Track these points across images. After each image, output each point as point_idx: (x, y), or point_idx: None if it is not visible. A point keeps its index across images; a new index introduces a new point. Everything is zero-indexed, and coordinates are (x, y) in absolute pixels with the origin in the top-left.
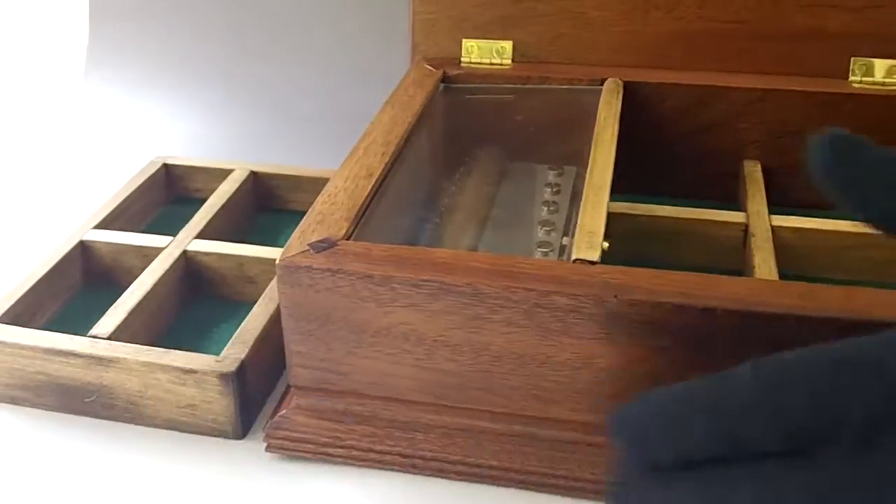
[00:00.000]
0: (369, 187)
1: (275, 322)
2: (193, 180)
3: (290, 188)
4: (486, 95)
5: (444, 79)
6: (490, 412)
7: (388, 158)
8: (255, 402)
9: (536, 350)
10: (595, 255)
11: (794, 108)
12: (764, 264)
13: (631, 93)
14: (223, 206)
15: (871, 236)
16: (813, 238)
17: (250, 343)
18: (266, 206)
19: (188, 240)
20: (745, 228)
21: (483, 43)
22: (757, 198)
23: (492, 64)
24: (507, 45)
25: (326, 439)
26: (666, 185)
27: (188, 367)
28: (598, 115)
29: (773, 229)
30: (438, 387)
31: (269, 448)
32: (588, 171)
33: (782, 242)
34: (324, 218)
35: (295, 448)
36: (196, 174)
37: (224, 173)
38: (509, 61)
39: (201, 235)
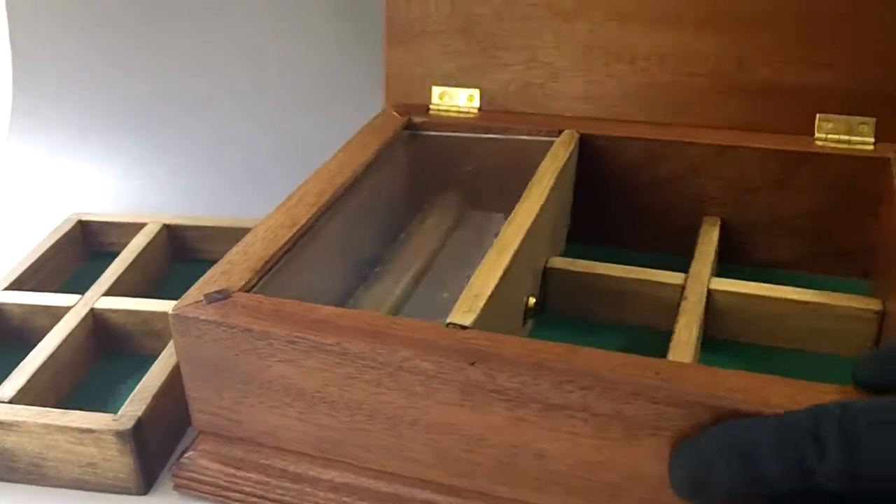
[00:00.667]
0: (287, 238)
1: (177, 376)
2: (108, 235)
3: (206, 239)
4: (446, 143)
5: (408, 126)
6: (371, 469)
7: (317, 208)
8: (159, 457)
9: (404, 412)
10: (468, 320)
11: (755, 165)
12: (685, 328)
13: (588, 145)
14: (135, 261)
15: (813, 305)
16: (751, 304)
17: (148, 400)
18: (183, 257)
19: (96, 297)
20: (682, 290)
21: (451, 90)
22: (703, 258)
23: (459, 111)
24: (475, 93)
25: (225, 483)
26: (626, 237)
27: (86, 426)
28: (538, 169)
29: (710, 293)
30: (321, 441)
31: (175, 487)
32: (504, 228)
33: (719, 306)
34: (230, 268)
35: (198, 489)
36: (110, 229)
37: (137, 227)
38: (476, 109)
39: (110, 292)
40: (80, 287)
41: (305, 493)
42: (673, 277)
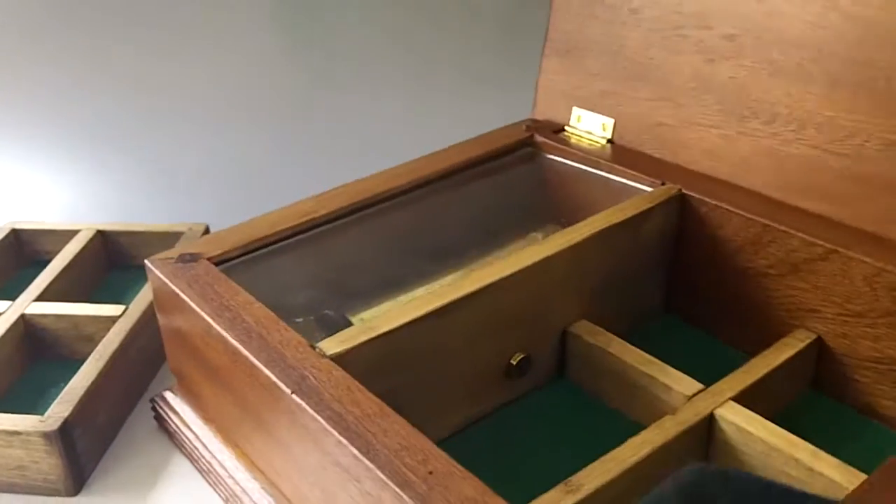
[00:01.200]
0: (295, 224)
1: (107, 377)
2: (42, 243)
3: (141, 245)
4: (553, 169)
5: (525, 142)
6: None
7: (347, 204)
8: (88, 458)
9: (258, 405)
10: (332, 350)
11: (861, 282)
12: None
13: (691, 208)
14: (67, 267)
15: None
16: (753, 445)
17: (75, 401)
18: (118, 263)
19: (27, 303)
20: (688, 402)
21: (589, 114)
22: (743, 375)
23: (590, 139)
24: (609, 123)
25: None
26: (717, 324)
27: (12, 429)
28: (592, 216)
29: (712, 417)
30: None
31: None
32: (476, 270)
33: (718, 435)
34: (225, 236)
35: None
36: (44, 237)
37: (71, 234)
38: (605, 140)
39: (41, 297)
40: (13, 294)
41: None
42: (685, 385)
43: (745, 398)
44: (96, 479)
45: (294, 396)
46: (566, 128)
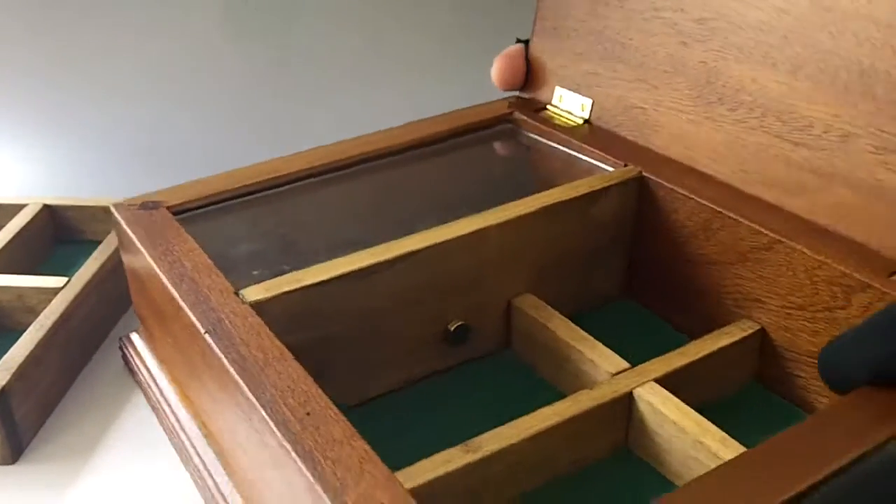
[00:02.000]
0: (255, 181)
1: (46, 347)
2: None
3: (87, 219)
4: (523, 145)
5: (505, 118)
6: None
7: (310, 167)
8: (26, 427)
9: (187, 346)
10: (253, 297)
11: (802, 274)
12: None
13: (650, 191)
14: (13, 240)
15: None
16: (667, 426)
17: (13, 370)
18: (64, 237)
19: None
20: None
21: (570, 94)
22: (670, 359)
23: (569, 119)
24: (588, 103)
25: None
26: (669, 309)
27: None
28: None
29: (631, 396)
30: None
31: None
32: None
33: (635, 415)
34: (189, 187)
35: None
36: None
37: (17, 208)
38: (582, 120)
39: None
40: None
41: None
42: (611, 362)
43: (671, 381)
44: (35, 447)
45: (206, 336)
46: (548, 107)
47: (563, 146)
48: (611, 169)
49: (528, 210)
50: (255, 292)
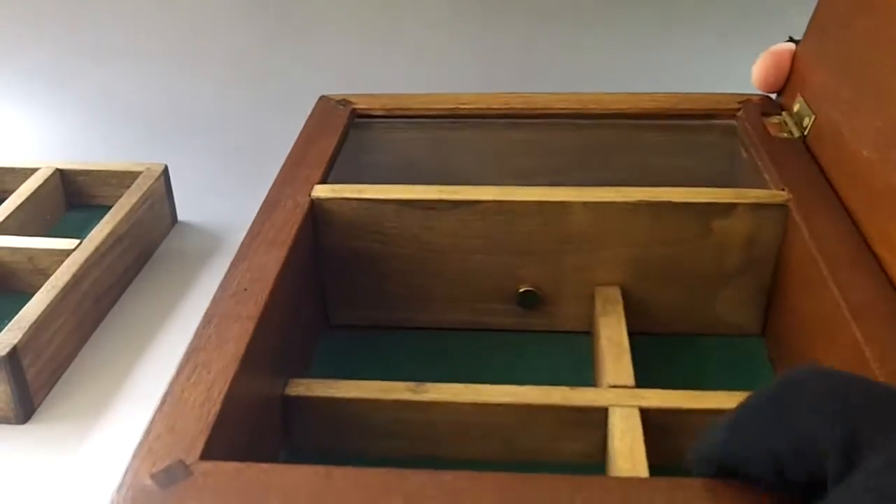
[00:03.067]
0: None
1: (58, 308)
2: (1, 181)
3: (97, 184)
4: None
5: (726, 114)
6: None
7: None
8: (38, 387)
9: None
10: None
11: None
12: None
13: (793, 222)
14: (24, 203)
15: None
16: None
17: (25, 329)
18: (76, 202)
19: None
20: None
21: (805, 105)
22: None
23: (791, 129)
24: (811, 119)
25: None
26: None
27: None
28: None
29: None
30: None
31: None
32: None
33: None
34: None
35: None
36: (3, 175)
37: (29, 172)
38: (800, 134)
39: None
40: None
41: None
42: (620, 375)
43: (659, 417)
44: (46, 407)
45: None
46: (783, 113)
47: (757, 157)
48: (766, 190)
49: (623, 199)
50: (322, 191)
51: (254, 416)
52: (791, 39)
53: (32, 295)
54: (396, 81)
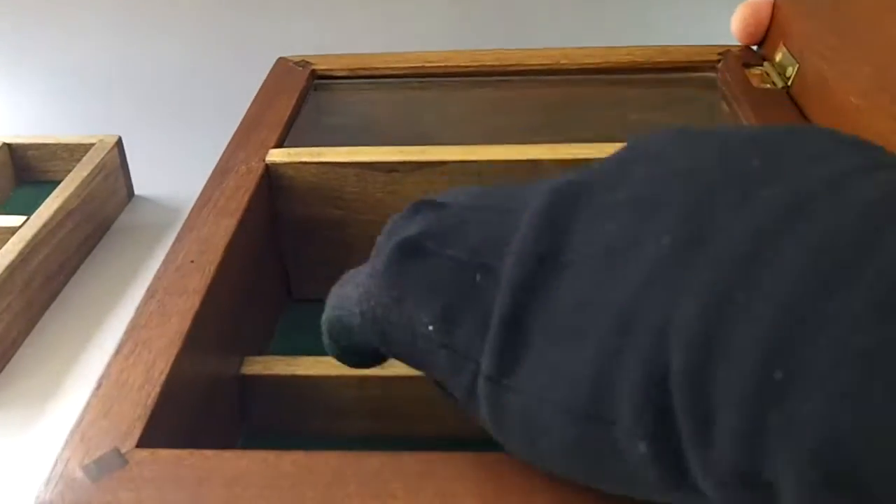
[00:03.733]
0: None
1: (3, 289)
2: None
3: (48, 158)
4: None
5: (705, 65)
6: None
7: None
8: None
9: None
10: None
11: None
12: None
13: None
14: None
15: None
16: None
17: None
18: (26, 178)
19: None
20: None
21: (788, 56)
22: None
23: (773, 79)
24: (794, 69)
25: None
26: None
27: None
28: None
29: None
30: None
31: None
32: None
33: None
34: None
35: None
36: None
37: None
38: (783, 85)
39: None
40: None
41: None
42: None
43: None
44: None
45: None
46: (764, 63)
47: (739, 110)
48: None
49: (598, 155)
50: (277, 155)
51: (203, 398)
52: None
53: None
54: (359, 41)
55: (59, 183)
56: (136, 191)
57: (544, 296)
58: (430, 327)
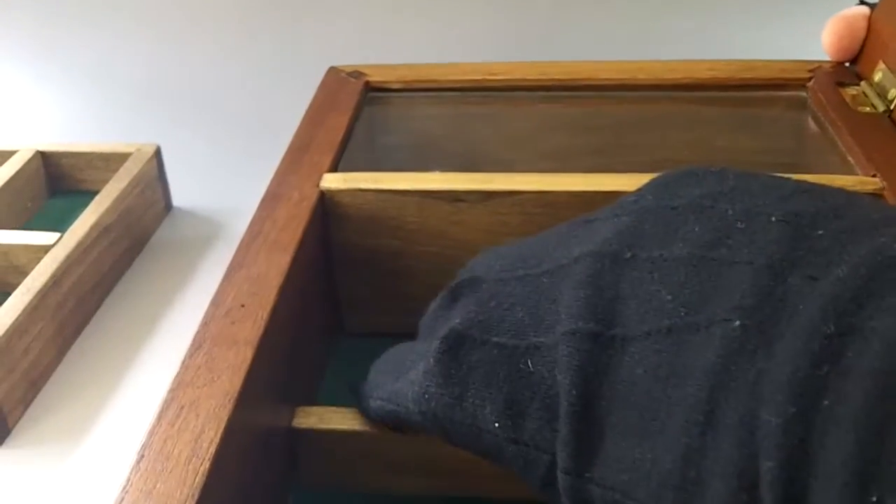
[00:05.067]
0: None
1: (34, 313)
2: None
3: (83, 167)
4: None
5: (795, 84)
6: None
7: None
8: (12, 406)
9: None
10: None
11: None
12: None
13: None
14: (2, 190)
15: None
16: None
17: None
18: (60, 188)
19: None
20: None
21: (890, 75)
22: None
23: (872, 102)
24: None
25: None
26: None
27: None
28: None
29: None
30: None
31: None
32: None
33: None
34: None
35: None
36: None
37: (7, 155)
38: (885, 108)
39: None
40: None
41: None
42: None
43: None
44: (22, 429)
45: None
46: (861, 83)
47: (836, 135)
48: (853, 176)
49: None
50: (332, 180)
51: (253, 460)
52: (862, 2)
53: (6, 297)
54: (416, 49)
55: (93, 193)
56: (175, 202)
57: (610, 380)
58: (496, 424)
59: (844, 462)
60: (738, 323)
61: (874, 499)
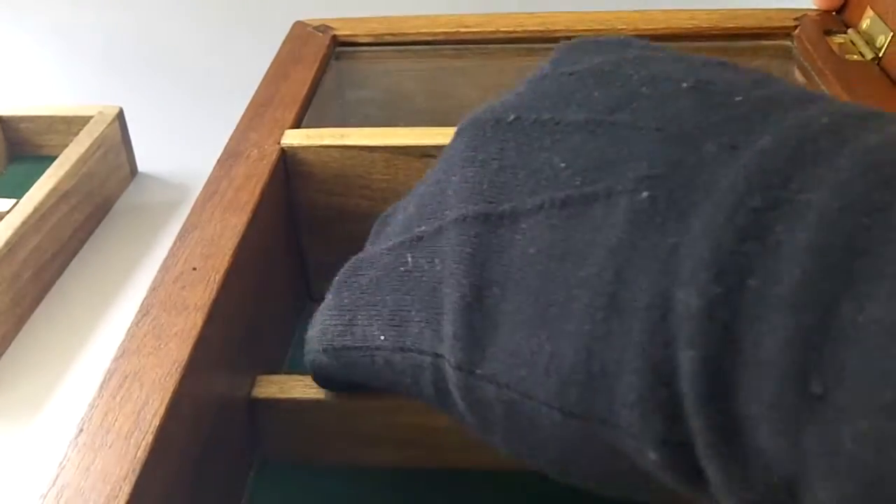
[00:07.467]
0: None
1: None
2: None
3: (43, 131)
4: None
5: (781, 32)
6: None
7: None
8: None
9: None
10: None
11: None
12: None
13: None
14: None
15: None
16: None
17: None
18: (19, 153)
19: None
20: None
21: (878, 21)
22: None
23: (861, 50)
24: (887, 36)
25: None
26: None
27: None
28: None
29: None
30: None
31: None
32: None
33: None
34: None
35: None
36: None
37: None
38: (873, 56)
39: None
40: None
41: None
42: None
43: None
44: None
45: None
46: (849, 31)
47: (824, 84)
48: None
49: None
50: (295, 137)
51: (207, 431)
52: None
53: None
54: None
55: (54, 158)
56: (140, 167)
57: (503, 263)
58: (382, 337)
59: (781, 349)
60: (646, 194)
61: (819, 391)
